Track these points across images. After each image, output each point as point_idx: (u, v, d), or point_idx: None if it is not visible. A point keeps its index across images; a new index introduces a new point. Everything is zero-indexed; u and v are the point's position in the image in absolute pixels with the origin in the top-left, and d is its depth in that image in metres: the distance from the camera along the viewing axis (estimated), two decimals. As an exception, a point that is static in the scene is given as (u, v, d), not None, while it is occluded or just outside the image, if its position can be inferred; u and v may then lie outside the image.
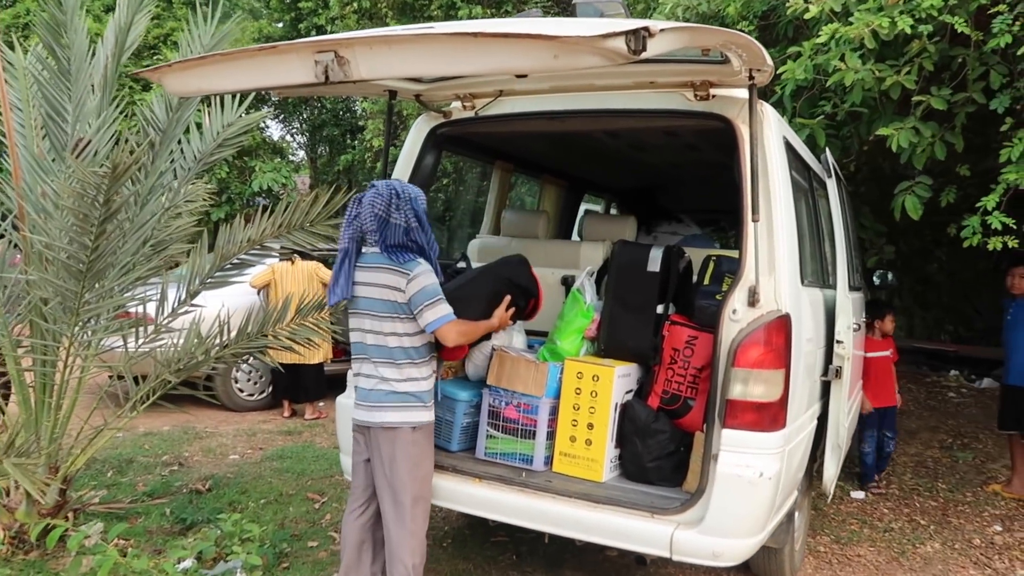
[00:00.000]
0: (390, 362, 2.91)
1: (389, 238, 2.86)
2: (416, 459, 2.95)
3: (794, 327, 2.92)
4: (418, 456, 2.96)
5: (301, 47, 2.08)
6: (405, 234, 2.87)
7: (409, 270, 2.84)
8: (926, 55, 4.04)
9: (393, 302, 2.87)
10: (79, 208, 3.00)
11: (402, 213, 2.86)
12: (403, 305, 2.86)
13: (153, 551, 3.90)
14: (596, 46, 1.75)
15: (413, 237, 2.88)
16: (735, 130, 2.98)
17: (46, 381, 3.76)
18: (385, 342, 2.91)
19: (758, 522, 2.82)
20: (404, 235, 2.86)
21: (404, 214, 2.87)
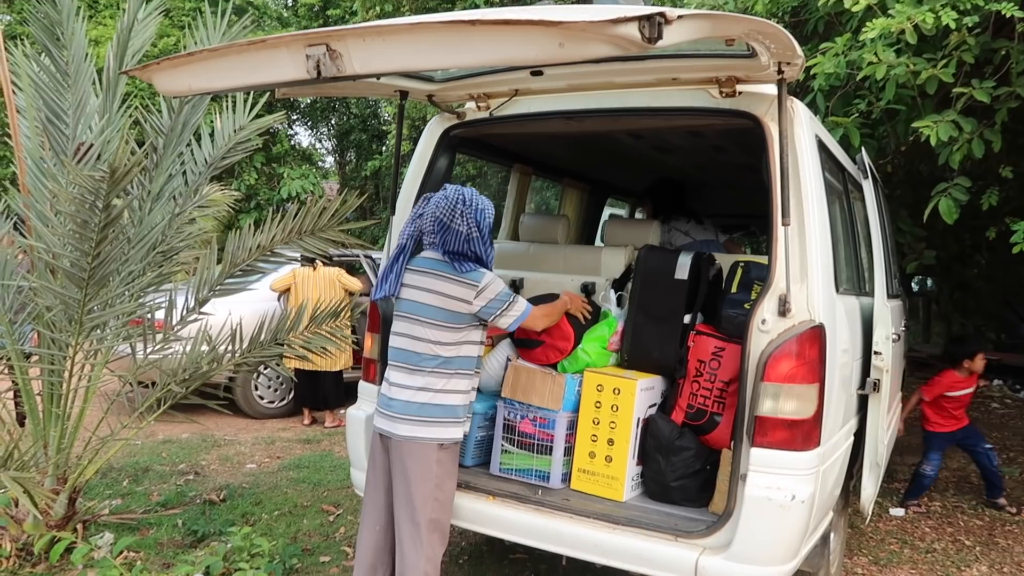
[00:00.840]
0: (435, 372, 2.81)
1: (448, 244, 2.81)
2: (439, 479, 2.81)
3: (828, 338, 2.72)
4: (441, 476, 2.82)
5: (291, 40, 1.95)
6: (465, 242, 2.80)
7: (476, 281, 2.79)
8: (966, 48, 3.80)
9: (452, 312, 2.79)
10: (78, 214, 2.90)
11: (465, 221, 2.79)
12: (465, 316, 2.81)
13: (162, 564, 3.80)
14: (606, 33, 1.59)
15: (473, 247, 2.82)
16: (764, 128, 2.79)
17: (53, 390, 3.68)
18: (434, 351, 2.81)
19: (790, 549, 2.62)
20: (464, 243, 2.80)
21: (467, 222, 2.79)
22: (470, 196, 2.83)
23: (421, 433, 2.79)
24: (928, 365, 10.49)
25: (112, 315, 3.35)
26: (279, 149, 17.22)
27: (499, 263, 4.15)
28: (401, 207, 3.50)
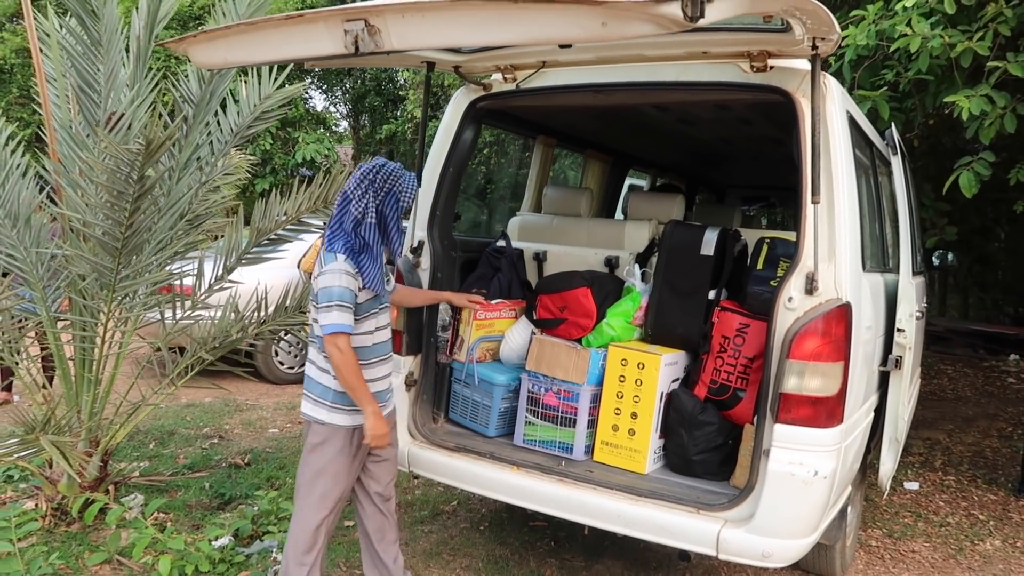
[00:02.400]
0: (317, 349, 2.72)
1: (343, 221, 2.61)
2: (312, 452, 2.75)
3: (854, 316, 2.73)
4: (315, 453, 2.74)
5: (329, 15, 1.95)
6: (354, 224, 2.59)
7: (324, 262, 2.59)
8: (1002, 20, 3.73)
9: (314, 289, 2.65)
10: (113, 184, 2.94)
11: (365, 201, 2.59)
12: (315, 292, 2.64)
13: (191, 526, 3.90)
14: (649, 12, 1.59)
15: (361, 231, 2.59)
16: (795, 104, 2.77)
17: (85, 356, 3.75)
18: (315, 329, 2.70)
19: (811, 522, 2.67)
20: (352, 225, 2.59)
21: (365, 203, 2.59)
22: (383, 177, 2.61)
23: (305, 410, 2.77)
24: (944, 339, 10.48)
25: (144, 283, 3.40)
26: (294, 114, 17.18)
27: (522, 235, 4.19)
28: (427, 178, 3.51)
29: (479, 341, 3.47)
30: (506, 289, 3.81)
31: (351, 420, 2.73)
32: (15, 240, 3.39)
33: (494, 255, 3.91)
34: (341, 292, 2.54)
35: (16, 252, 3.38)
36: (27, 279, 3.46)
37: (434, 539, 3.89)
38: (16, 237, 3.38)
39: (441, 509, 4.28)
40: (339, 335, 2.55)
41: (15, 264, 3.41)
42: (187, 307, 3.83)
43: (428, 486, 4.60)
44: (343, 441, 2.73)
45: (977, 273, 12.08)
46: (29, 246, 3.40)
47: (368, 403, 2.63)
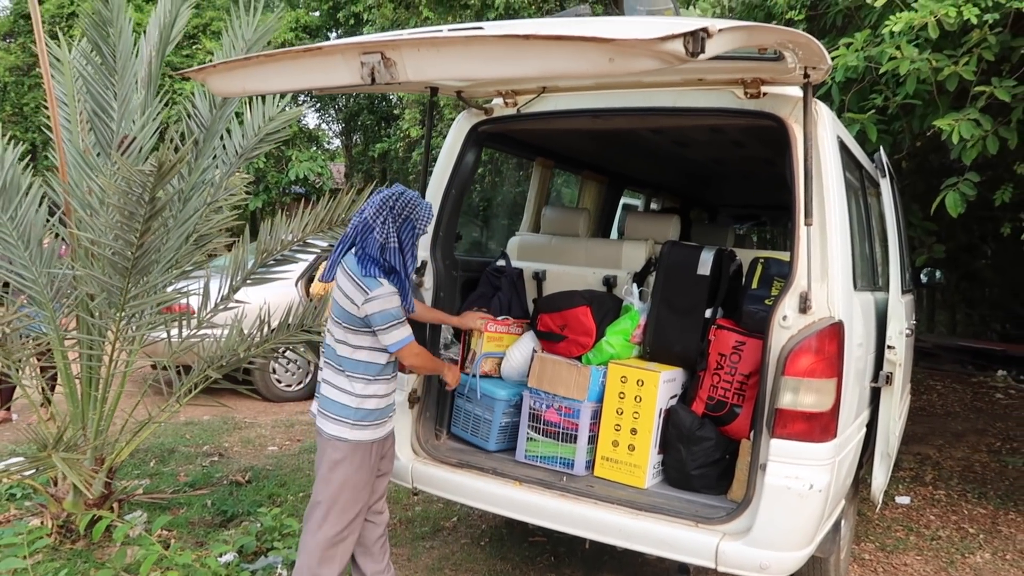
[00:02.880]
0: (338, 371, 2.83)
1: (366, 247, 2.71)
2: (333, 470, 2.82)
3: (846, 334, 2.83)
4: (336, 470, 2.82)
5: (346, 48, 2.05)
6: (380, 250, 2.70)
7: (369, 288, 2.68)
8: (986, 45, 3.87)
9: (347, 312, 2.74)
10: (125, 206, 3.01)
11: (384, 229, 2.69)
12: (356, 318, 2.73)
13: (195, 543, 3.94)
14: (654, 49, 1.68)
15: (388, 257, 2.70)
16: (788, 130, 2.88)
17: (92, 374, 3.81)
18: (339, 350, 2.81)
19: (807, 535, 2.74)
20: (378, 251, 2.70)
21: (386, 231, 2.69)
22: (402, 203, 2.72)
23: (325, 427, 2.84)
24: (933, 355, 10.62)
25: (152, 302, 3.46)
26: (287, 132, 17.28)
27: (522, 255, 4.28)
28: (430, 199, 3.60)
29: (485, 355, 3.56)
30: (506, 308, 3.89)
31: (372, 435, 2.84)
32: (26, 260, 3.45)
33: (494, 274, 3.99)
34: (396, 312, 2.72)
35: (27, 272, 3.45)
36: (35, 298, 3.51)
37: (436, 555, 3.95)
38: (28, 257, 3.44)
39: (442, 525, 4.34)
40: (410, 345, 2.79)
41: (26, 283, 3.46)
42: (193, 326, 3.89)
43: (428, 503, 4.66)
44: (363, 455, 2.82)
45: (964, 290, 12.27)
46: (40, 266, 3.46)
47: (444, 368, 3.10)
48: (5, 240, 3.42)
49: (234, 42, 3.79)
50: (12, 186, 3.39)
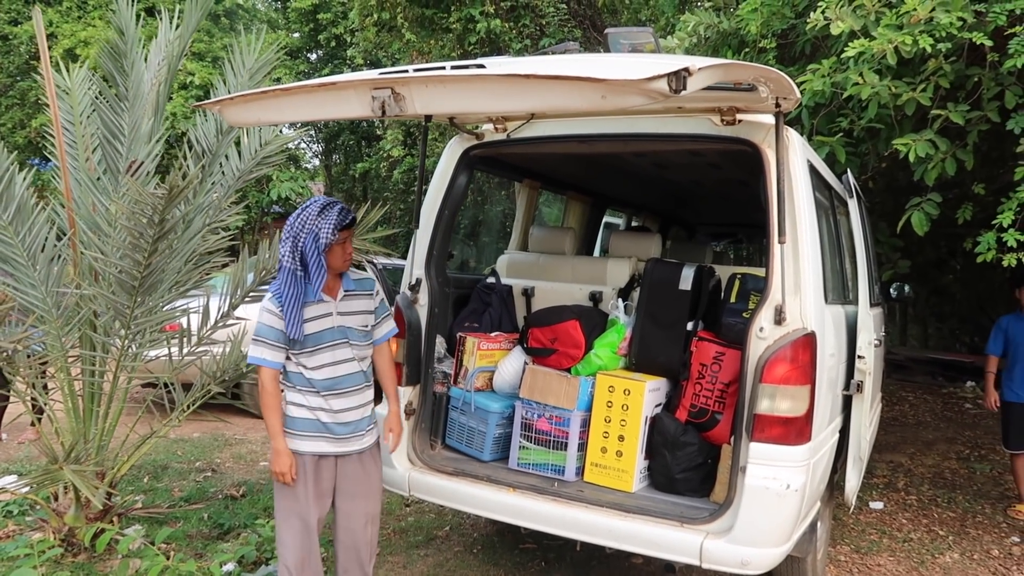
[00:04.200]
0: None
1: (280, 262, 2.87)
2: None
3: (819, 344, 3.03)
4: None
5: (359, 84, 2.22)
6: (279, 270, 2.87)
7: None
8: (942, 73, 4.15)
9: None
10: (135, 227, 3.15)
11: (284, 248, 2.80)
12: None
13: (194, 555, 4.04)
14: (641, 88, 1.88)
15: (281, 275, 2.84)
16: (761, 155, 3.09)
17: (94, 391, 3.92)
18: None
19: (785, 532, 2.93)
20: (281, 269, 2.86)
21: (284, 250, 2.80)
22: (295, 218, 2.79)
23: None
24: (905, 367, 10.94)
25: (157, 320, 3.59)
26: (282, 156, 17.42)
27: (510, 272, 4.46)
28: (424, 220, 3.78)
29: (478, 370, 3.72)
30: (497, 323, 4.07)
31: (298, 445, 2.92)
32: (35, 280, 3.57)
33: (485, 291, 4.18)
34: (263, 329, 2.83)
35: (35, 291, 3.57)
36: (43, 316, 3.63)
37: (430, 562, 4.08)
38: (37, 277, 3.56)
39: (435, 534, 4.48)
40: (263, 370, 2.85)
41: (35, 303, 3.58)
42: (194, 343, 4.02)
43: (420, 513, 4.79)
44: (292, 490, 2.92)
45: (934, 304, 12.63)
46: (49, 286, 3.58)
47: (272, 437, 2.89)
48: (16, 260, 3.54)
49: (237, 75, 3.96)
50: (25, 209, 3.52)
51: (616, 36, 3.25)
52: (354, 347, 2.99)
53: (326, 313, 2.92)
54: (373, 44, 13.04)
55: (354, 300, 3.01)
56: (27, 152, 16.02)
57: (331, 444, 2.97)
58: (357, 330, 3.00)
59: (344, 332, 2.96)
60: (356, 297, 3.02)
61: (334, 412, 2.95)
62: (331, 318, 2.92)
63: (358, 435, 3.04)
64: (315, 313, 2.89)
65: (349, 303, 2.99)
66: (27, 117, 16.53)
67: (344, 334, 2.96)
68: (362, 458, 3.08)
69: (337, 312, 2.94)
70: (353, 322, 2.99)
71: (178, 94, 14.78)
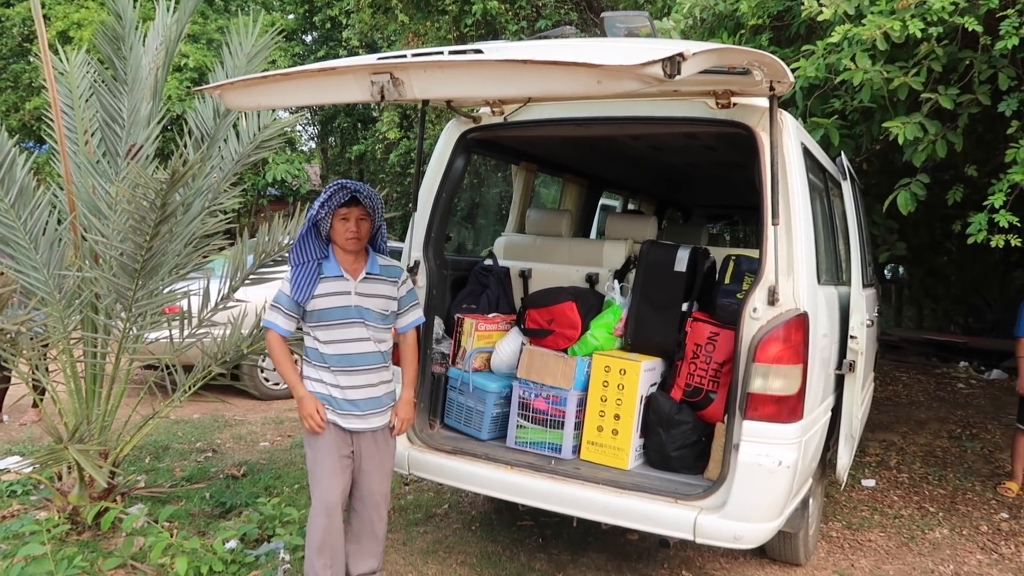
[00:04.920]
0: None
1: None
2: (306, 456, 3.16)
3: (811, 324, 3.08)
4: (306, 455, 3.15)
5: (359, 69, 2.25)
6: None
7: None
8: (934, 57, 4.17)
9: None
10: (136, 211, 3.19)
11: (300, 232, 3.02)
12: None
13: (197, 532, 4.11)
14: (636, 73, 1.92)
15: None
16: (756, 138, 3.13)
17: (96, 372, 3.97)
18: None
19: (777, 508, 3.00)
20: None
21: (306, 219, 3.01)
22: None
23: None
24: (899, 348, 11.03)
25: (158, 303, 3.64)
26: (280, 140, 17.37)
27: (508, 254, 4.50)
28: (422, 203, 3.81)
29: (476, 351, 3.77)
30: (494, 304, 4.12)
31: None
32: (36, 263, 3.60)
33: (482, 273, 4.22)
34: (279, 296, 3.02)
35: (39, 274, 3.60)
36: (45, 299, 3.67)
37: (429, 539, 4.16)
38: (39, 259, 3.60)
39: (433, 512, 4.55)
40: (270, 331, 3.04)
41: (36, 285, 3.62)
42: (195, 325, 4.07)
43: (419, 491, 4.86)
44: (317, 438, 3.05)
45: (929, 286, 12.71)
46: (52, 268, 3.62)
47: (293, 387, 3.05)
48: (18, 243, 3.58)
49: (235, 59, 3.98)
50: (27, 192, 3.55)
51: (612, 20, 3.27)
52: (370, 328, 3.07)
53: (343, 291, 3.01)
54: (369, 26, 12.96)
55: (376, 284, 3.08)
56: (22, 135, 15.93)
57: (342, 419, 3.06)
58: (376, 312, 3.07)
59: (360, 312, 3.04)
60: (378, 281, 3.09)
61: (342, 388, 3.03)
62: (349, 296, 3.01)
63: (368, 414, 3.11)
64: (332, 289, 2.99)
65: (370, 285, 3.06)
66: (20, 100, 16.42)
67: (360, 314, 3.04)
68: (376, 437, 3.16)
69: (356, 292, 3.02)
70: (372, 304, 3.06)
71: (173, 76, 14.69)
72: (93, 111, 3.97)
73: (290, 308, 3.00)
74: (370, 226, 3.03)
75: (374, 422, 3.14)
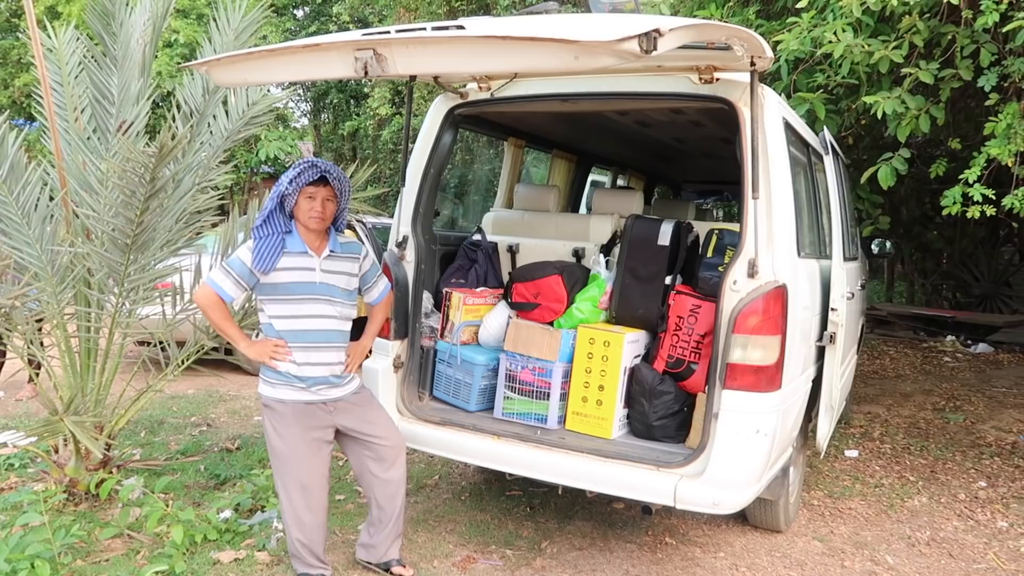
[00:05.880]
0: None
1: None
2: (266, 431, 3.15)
3: (790, 296, 3.15)
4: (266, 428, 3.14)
5: (342, 45, 2.29)
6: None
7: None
8: (915, 31, 4.21)
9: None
10: (126, 185, 3.23)
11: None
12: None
13: (192, 503, 4.19)
14: (612, 48, 1.97)
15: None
16: (737, 112, 3.18)
17: (90, 347, 4.02)
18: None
19: (755, 474, 3.09)
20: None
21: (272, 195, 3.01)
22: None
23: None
24: (887, 322, 11.15)
25: (150, 277, 3.69)
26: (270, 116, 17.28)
27: (496, 229, 4.55)
28: (410, 178, 3.86)
29: (464, 325, 3.84)
30: (483, 279, 4.18)
31: (287, 395, 3.06)
32: (29, 238, 3.65)
33: (471, 248, 4.28)
34: (232, 259, 3.01)
35: (31, 249, 3.65)
36: (38, 274, 3.72)
37: (420, 508, 4.25)
38: (31, 235, 3.64)
39: (424, 483, 4.64)
40: (203, 285, 3.03)
41: (29, 260, 3.66)
42: (186, 300, 4.12)
43: (410, 463, 4.95)
44: (277, 423, 3.08)
45: (918, 260, 12.81)
46: (45, 244, 3.66)
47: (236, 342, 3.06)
48: (10, 218, 3.62)
49: (223, 34, 4.00)
50: (18, 168, 3.58)
51: (596, -4, 3.30)
52: (336, 304, 3.11)
53: (307, 267, 3.04)
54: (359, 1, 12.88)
55: (338, 261, 3.13)
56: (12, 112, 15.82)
57: (307, 393, 3.09)
58: (340, 288, 3.13)
59: (328, 289, 3.08)
60: (340, 259, 3.14)
61: (298, 365, 3.04)
62: (313, 273, 3.04)
63: (332, 386, 3.14)
64: (296, 264, 3.02)
65: (333, 263, 3.11)
66: (10, 76, 16.29)
67: (328, 291, 3.08)
68: (356, 401, 3.22)
69: (321, 269, 3.06)
70: (337, 280, 3.11)
71: (163, 52, 14.58)
72: (83, 88, 3.99)
73: (242, 276, 2.97)
74: (335, 207, 3.05)
75: (344, 389, 3.18)
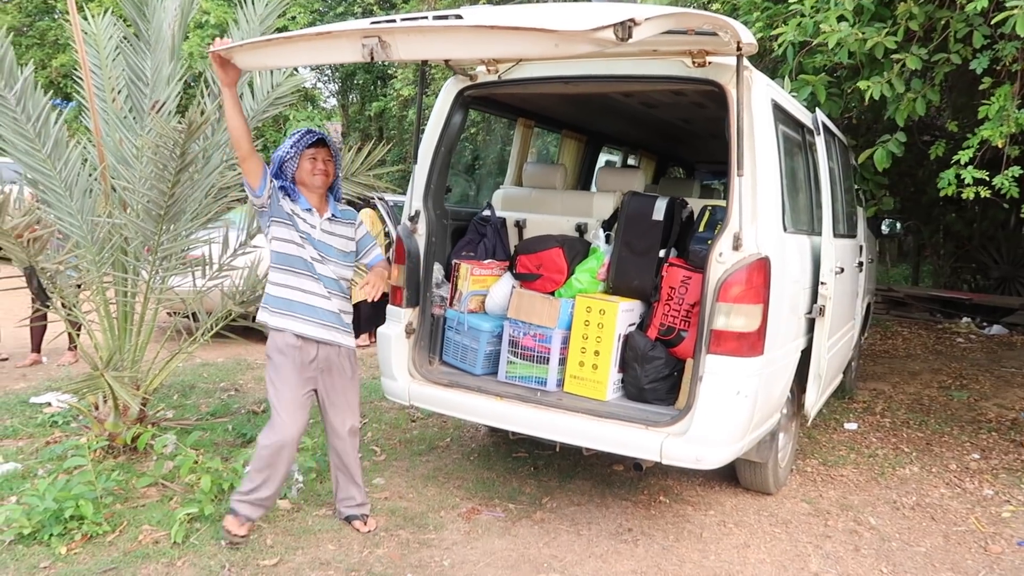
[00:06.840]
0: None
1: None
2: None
3: (775, 268, 3.35)
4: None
5: (351, 33, 2.53)
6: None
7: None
8: (911, 16, 4.34)
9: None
10: (159, 160, 3.52)
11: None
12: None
13: (220, 457, 4.52)
14: (589, 37, 2.18)
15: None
16: (726, 94, 3.37)
17: (127, 310, 4.35)
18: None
19: (736, 433, 3.31)
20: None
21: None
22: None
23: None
24: (904, 304, 11.20)
25: (181, 246, 3.99)
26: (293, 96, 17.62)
27: (505, 205, 4.79)
28: (422, 156, 4.11)
29: (472, 294, 4.10)
30: (491, 252, 4.43)
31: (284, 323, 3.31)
32: (71, 209, 3.97)
33: (480, 223, 4.52)
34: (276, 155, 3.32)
35: (73, 220, 3.97)
36: (79, 242, 4.04)
37: (431, 466, 4.54)
38: (73, 207, 3.96)
39: (436, 444, 4.93)
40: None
41: (72, 230, 3.99)
42: (214, 270, 4.43)
43: (424, 426, 5.25)
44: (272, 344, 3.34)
45: (937, 243, 12.81)
46: (85, 215, 3.98)
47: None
48: (54, 191, 3.94)
49: (249, 20, 4.27)
50: (61, 145, 3.90)
51: (588, -17, 3.49)
52: (331, 263, 3.40)
53: (310, 223, 3.35)
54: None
55: (337, 225, 3.45)
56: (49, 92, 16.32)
57: (304, 325, 3.34)
58: (336, 249, 3.43)
59: (325, 248, 3.38)
60: (339, 223, 3.46)
61: (303, 292, 3.33)
62: (314, 231, 3.35)
63: (329, 325, 3.40)
64: (302, 215, 3.33)
65: (333, 225, 3.43)
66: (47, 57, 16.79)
67: (325, 249, 3.38)
68: (343, 368, 3.49)
69: (321, 228, 3.38)
70: (334, 242, 3.43)
71: (194, 33, 14.95)
72: (120, 70, 4.29)
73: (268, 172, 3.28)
74: (334, 168, 3.40)
75: (339, 337, 3.43)
